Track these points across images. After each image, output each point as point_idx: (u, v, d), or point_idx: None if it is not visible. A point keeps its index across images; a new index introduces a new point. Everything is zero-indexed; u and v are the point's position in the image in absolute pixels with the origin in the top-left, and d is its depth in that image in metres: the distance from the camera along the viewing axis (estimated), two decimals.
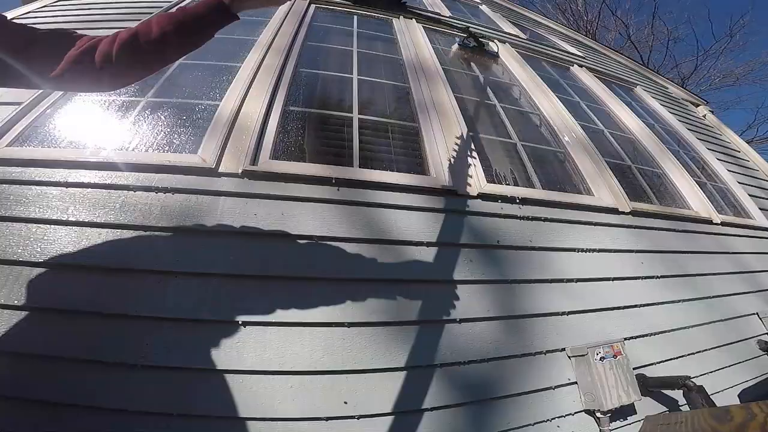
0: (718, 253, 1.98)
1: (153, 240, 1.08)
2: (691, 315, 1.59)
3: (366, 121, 1.67)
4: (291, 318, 1.02)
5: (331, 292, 1.09)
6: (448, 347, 1.09)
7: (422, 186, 1.39)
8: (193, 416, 0.86)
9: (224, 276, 1.04)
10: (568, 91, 2.88)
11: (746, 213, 2.54)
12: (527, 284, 1.32)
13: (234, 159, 1.27)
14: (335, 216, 1.23)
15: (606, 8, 11.97)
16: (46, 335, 0.91)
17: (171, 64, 1.78)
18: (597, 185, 1.81)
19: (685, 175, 2.35)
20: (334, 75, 1.97)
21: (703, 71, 12.34)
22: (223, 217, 1.14)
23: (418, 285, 1.17)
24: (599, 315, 1.37)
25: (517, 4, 5.03)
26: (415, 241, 1.26)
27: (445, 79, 2.10)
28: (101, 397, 0.85)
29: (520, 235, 1.44)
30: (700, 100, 4.52)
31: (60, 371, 0.88)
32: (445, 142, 1.61)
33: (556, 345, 1.23)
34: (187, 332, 0.95)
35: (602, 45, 4.87)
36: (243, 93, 1.53)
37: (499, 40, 3.19)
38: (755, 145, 11.07)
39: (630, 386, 1.18)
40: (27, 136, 1.34)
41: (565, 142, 2.05)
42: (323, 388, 0.95)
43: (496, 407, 1.06)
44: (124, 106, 1.52)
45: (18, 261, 1.00)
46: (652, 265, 1.65)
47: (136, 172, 1.20)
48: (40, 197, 1.12)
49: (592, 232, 1.60)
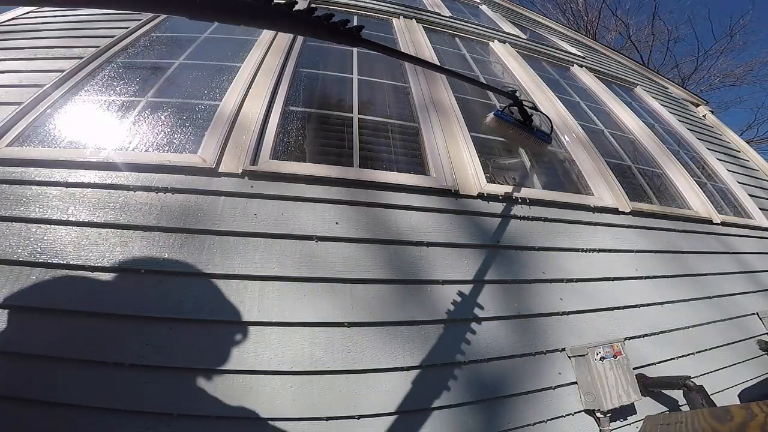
0: (718, 253, 1.98)
1: (153, 240, 1.08)
2: (691, 315, 1.59)
3: (366, 121, 1.67)
4: (291, 318, 1.02)
5: (331, 291, 1.09)
6: (448, 347, 1.09)
7: (422, 186, 1.39)
8: (193, 416, 0.86)
9: (224, 276, 1.04)
10: (568, 91, 2.88)
11: (746, 213, 2.54)
12: (527, 284, 1.32)
13: (234, 159, 1.27)
14: (335, 216, 1.23)
15: (606, 8, 11.96)
16: (46, 335, 0.91)
17: (170, 65, 1.78)
18: (597, 185, 1.81)
19: (685, 175, 2.35)
20: (334, 75, 1.97)
21: (703, 71, 12.33)
22: (223, 217, 1.14)
23: (417, 285, 1.17)
24: (599, 315, 1.37)
25: (517, 4, 5.03)
26: (415, 241, 1.26)
27: (445, 78, 2.10)
28: (102, 398, 0.85)
29: (519, 235, 1.44)
30: (700, 100, 4.52)
31: (60, 371, 0.88)
32: (445, 142, 1.61)
33: (556, 345, 1.23)
34: (187, 332, 0.95)
35: (602, 45, 4.87)
36: (243, 93, 1.53)
37: (499, 40, 3.20)
38: (755, 145, 11.07)
39: (630, 386, 1.18)
40: (27, 136, 1.34)
41: (565, 142, 2.05)
42: (323, 388, 0.95)
43: (497, 407, 1.06)
44: (124, 106, 1.52)
45: (18, 261, 1.00)
46: (651, 265, 1.65)
47: (136, 172, 1.20)
48: (40, 197, 1.12)
49: (592, 232, 1.60)
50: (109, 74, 1.72)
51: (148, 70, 1.72)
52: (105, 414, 0.84)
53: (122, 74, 1.73)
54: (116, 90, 1.61)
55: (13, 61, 1.78)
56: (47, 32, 2.04)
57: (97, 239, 1.06)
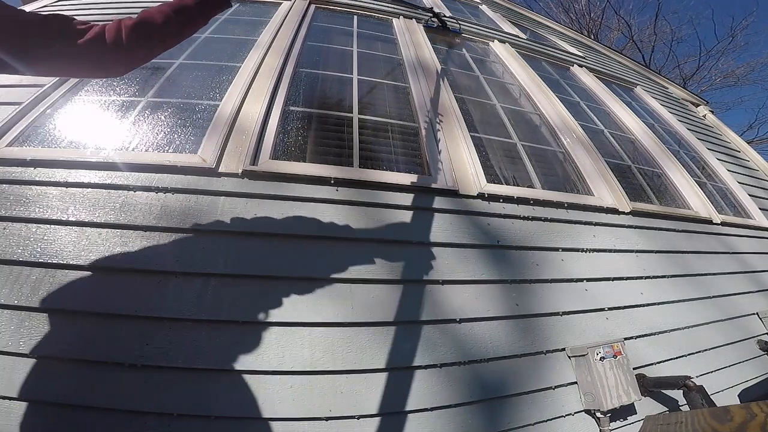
0: (718, 253, 1.98)
1: (153, 240, 1.08)
2: (691, 315, 1.59)
3: (366, 121, 1.67)
4: (291, 318, 1.02)
5: (331, 291, 1.09)
6: (448, 347, 1.09)
7: (422, 186, 1.39)
8: (193, 416, 0.86)
9: (224, 276, 1.04)
10: (568, 91, 2.88)
11: (746, 213, 2.54)
12: (527, 284, 1.32)
13: (234, 159, 1.27)
14: (335, 216, 1.23)
15: (610, 7, 11.93)
16: (45, 335, 0.91)
17: (170, 65, 1.78)
18: (597, 185, 1.81)
19: (685, 175, 2.35)
20: (334, 75, 1.97)
21: (704, 71, 12.33)
22: (223, 217, 1.14)
23: (417, 285, 1.17)
24: (599, 315, 1.37)
25: (517, 4, 5.03)
26: (415, 241, 1.26)
27: (445, 79, 2.10)
28: (102, 398, 0.85)
29: (519, 235, 1.43)
30: (700, 100, 4.52)
31: (60, 371, 0.88)
32: (445, 141, 1.61)
33: (556, 345, 1.23)
34: (186, 332, 0.95)
35: (603, 45, 4.87)
36: (243, 93, 1.53)
37: (499, 40, 3.19)
38: (755, 145, 11.06)
39: (630, 386, 1.18)
40: (27, 136, 1.34)
41: (565, 142, 2.05)
42: (323, 388, 0.95)
43: (497, 407, 1.06)
44: (124, 106, 1.52)
45: (18, 261, 1.00)
46: (652, 265, 1.65)
47: (136, 172, 1.20)
48: (40, 197, 1.12)
49: (592, 232, 1.60)
50: None
51: (148, 70, 1.72)
52: (105, 414, 0.84)
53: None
54: (116, 90, 1.61)
55: None
56: None
57: (97, 239, 1.06)
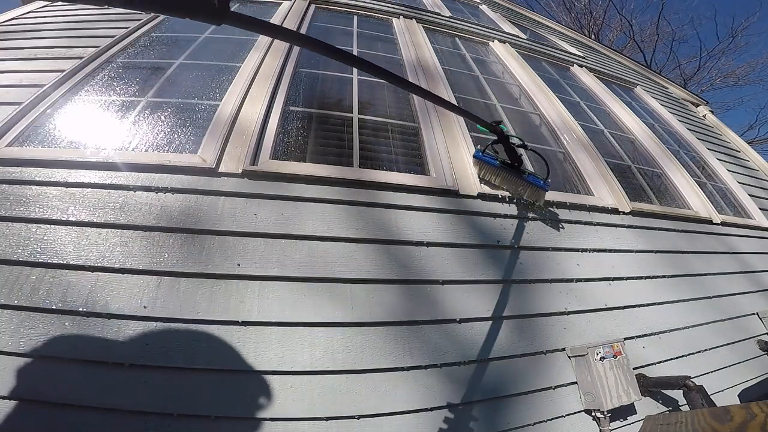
0: (718, 253, 1.98)
1: (153, 240, 1.08)
2: (691, 315, 1.59)
3: (366, 121, 1.67)
4: (291, 318, 1.02)
5: (331, 292, 1.09)
6: (448, 347, 1.09)
7: (422, 186, 1.39)
8: (193, 416, 0.86)
9: (224, 276, 1.04)
10: (568, 91, 2.88)
11: (746, 213, 2.54)
12: (527, 284, 1.32)
13: (234, 159, 1.27)
14: (335, 216, 1.23)
15: (612, 7, 11.90)
16: (45, 335, 0.91)
17: (170, 65, 1.78)
18: (597, 185, 1.81)
19: (685, 175, 2.35)
20: (334, 75, 1.97)
21: (704, 71, 12.32)
22: (223, 217, 1.14)
23: (417, 285, 1.17)
24: (599, 315, 1.37)
25: (517, 4, 5.03)
26: (415, 241, 1.26)
27: (445, 79, 2.10)
28: (102, 398, 0.85)
29: (519, 235, 1.43)
30: (700, 100, 4.52)
31: (60, 371, 0.88)
32: (445, 142, 1.61)
33: (556, 345, 1.23)
34: (186, 332, 0.95)
35: (603, 45, 4.87)
36: (243, 93, 1.53)
37: (499, 40, 3.19)
38: (756, 145, 11.05)
39: (630, 386, 1.18)
40: (27, 136, 1.34)
41: (565, 142, 2.05)
42: (323, 388, 0.95)
43: (497, 407, 1.06)
44: (124, 106, 1.52)
45: (18, 261, 1.00)
46: (652, 265, 1.65)
47: (136, 172, 1.20)
48: (40, 197, 1.12)
49: (592, 232, 1.60)
50: (109, 74, 1.72)
51: (147, 70, 1.72)
52: (105, 414, 0.84)
53: (122, 74, 1.73)
54: (116, 90, 1.61)
55: (13, 61, 1.78)
56: (47, 32, 2.04)
57: (97, 239, 1.06)
